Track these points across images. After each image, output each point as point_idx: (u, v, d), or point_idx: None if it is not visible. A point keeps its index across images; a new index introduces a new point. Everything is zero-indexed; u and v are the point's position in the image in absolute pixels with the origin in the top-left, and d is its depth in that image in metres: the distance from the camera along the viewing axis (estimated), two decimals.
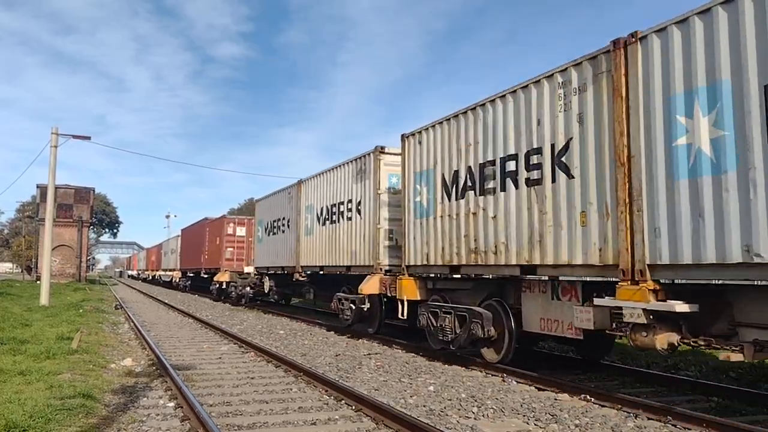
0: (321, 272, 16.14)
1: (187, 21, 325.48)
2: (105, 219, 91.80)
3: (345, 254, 14.24)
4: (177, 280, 42.34)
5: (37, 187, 52.96)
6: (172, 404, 7.07)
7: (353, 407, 6.92)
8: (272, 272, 21.00)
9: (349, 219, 14.02)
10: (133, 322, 16.90)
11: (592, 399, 7.36)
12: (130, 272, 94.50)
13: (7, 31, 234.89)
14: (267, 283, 21.46)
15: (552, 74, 7.82)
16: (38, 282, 34.56)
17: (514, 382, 8.56)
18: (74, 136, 23.89)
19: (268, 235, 21.23)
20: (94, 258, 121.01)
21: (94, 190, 60.55)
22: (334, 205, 15.02)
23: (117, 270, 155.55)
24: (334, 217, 14.97)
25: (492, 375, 9.15)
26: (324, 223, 15.67)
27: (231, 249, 28.02)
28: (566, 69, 7.58)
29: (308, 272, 17.38)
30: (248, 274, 24.85)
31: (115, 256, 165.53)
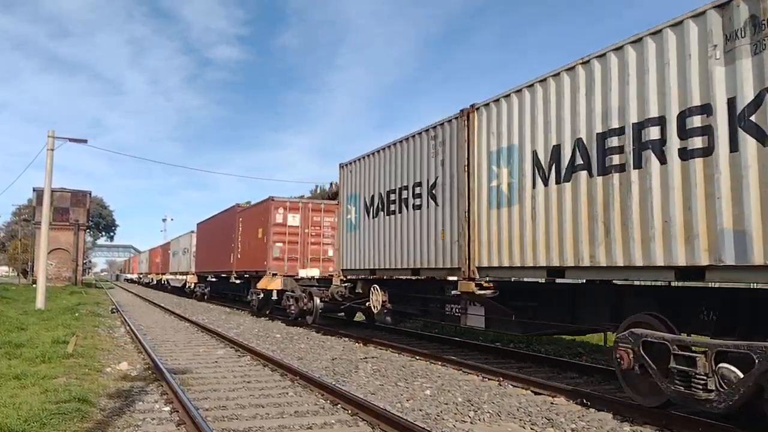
0: (544, 280, 8.66)
1: (183, 24, 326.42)
2: (101, 222, 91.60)
3: (674, 238, 6.15)
4: (192, 286, 35.45)
5: (34, 190, 52.82)
6: (167, 408, 7.05)
7: (349, 411, 6.91)
8: (385, 277, 12.89)
9: (704, 152, 5.92)
10: (129, 325, 16.85)
11: (589, 403, 7.36)
12: (128, 276, 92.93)
13: (4, 34, 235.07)
14: (377, 297, 12.87)
15: None
16: (34, 285, 34.44)
17: (510, 387, 8.56)
18: (71, 140, 23.85)
19: (373, 216, 12.97)
20: (90, 261, 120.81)
21: (90, 193, 60.37)
22: (611, 132, 7.01)
23: (105, 273, 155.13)
24: (613, 161, 6.97)
25: (489, 379, 9.14)
26: (559, 180, 7.81)
27: (281, 244, 20.62)
28: None
29: (497, 280, 9.32)
30: (313, 278, 17.61)
31: (111, 259, 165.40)
